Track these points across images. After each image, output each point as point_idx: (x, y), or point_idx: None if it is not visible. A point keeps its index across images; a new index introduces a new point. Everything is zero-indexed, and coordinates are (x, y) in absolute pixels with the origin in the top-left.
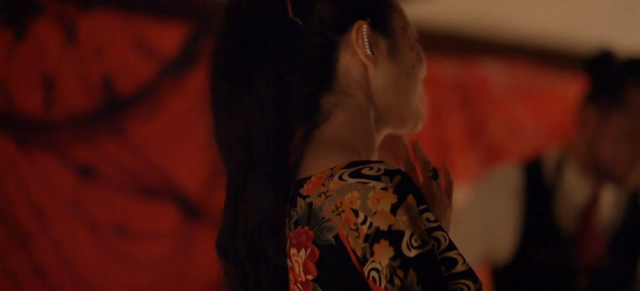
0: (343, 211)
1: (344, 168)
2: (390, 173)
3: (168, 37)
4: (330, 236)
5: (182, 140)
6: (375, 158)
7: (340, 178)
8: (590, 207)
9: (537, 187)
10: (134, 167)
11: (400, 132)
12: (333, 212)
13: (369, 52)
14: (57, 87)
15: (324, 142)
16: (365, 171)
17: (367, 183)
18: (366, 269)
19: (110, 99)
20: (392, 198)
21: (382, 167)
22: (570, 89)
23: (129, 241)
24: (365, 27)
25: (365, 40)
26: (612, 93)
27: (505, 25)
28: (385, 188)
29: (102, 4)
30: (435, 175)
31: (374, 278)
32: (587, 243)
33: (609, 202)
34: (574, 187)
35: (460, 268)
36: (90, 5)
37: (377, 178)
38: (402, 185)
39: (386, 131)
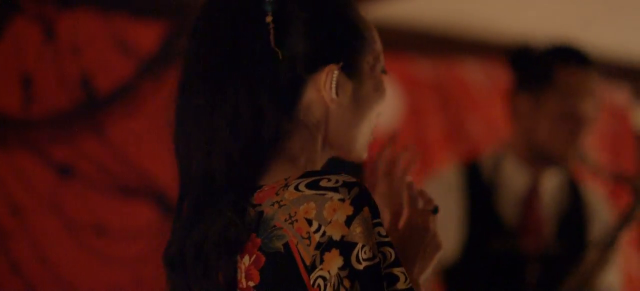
0: (296, 220)
1: (300, 178)
2: (348, 185)
3: (147, 36)
4: (279, 244)
5: (161, 139)
6: None
7: (296, 188)
8: (531, 194)
9: (478, 183)
10: (113, 166)
11: (345, 158)
12: (286, 220)
13: (334, 96)
14: (36, 86)
15: (274, 157)
16: (323, 183)
17: (324, 194)
18: (313, 276)
19: (89, 98)
20: (348, 210)
21: (341, 179)
22: None
23: (107, 239)
24: (335, 72)
25: (333, 84)
26: (542, 78)
27: (484, 26)
28: (342, 200)
29: (81, 3)
30: (435, 210)
31: (319, 285)
32: (533, 231)
33: (552, 188)
34: (514, 178)
35: (401, 285)
36: (69, 5)
37: (335, 189)
38: (359, 197)
39: (327, 157)
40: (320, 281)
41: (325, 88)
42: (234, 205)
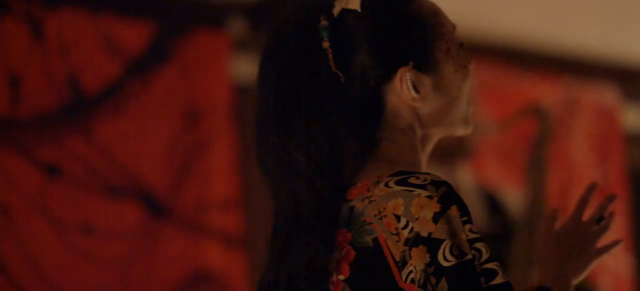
0: (385, 215)
1: (391, 176)
2: (436, 184)
3: (134, 36)
4: (368, 239)
5: (148, 139)
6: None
7: (386, 185)
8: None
9: None
10: (100, 166)
11: (451, 135)
12: (375, 216)
13: (414, 95)
14: (24, 85)
15: (370, 160)
16: (412, 180)
17: (412, 190)
18: (404, 272)
19: (77, 97)
20: (436, 207)
21: (429, 177)
22: (535, 89)
23: (94, 239)
24: (408, 74)
25: (409, 85)
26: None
27: (471, 26)
28: (430, 197)
29: (69, 2)
30: (600, 221)
31: (412, 280)
32: None
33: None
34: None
35: (499, 279)
36: (57, 4)
37: (423, 186)
38: (446, 196)
39: (436, 138)
40: (412, 276)
41: (403, 92)
42: (320, 235)
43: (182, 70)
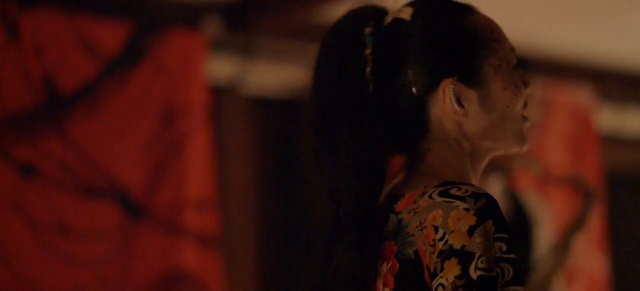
0: (425, 227)
1: (435, 187)
2: (476, 196)
3: (110, 36)
4: (410, 251)
5: (125, 139)
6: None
7: (430, 196)
8: None
9: None
10: (76, 166)
11: (506, 153)
12: (417, 227)
13: (457, 108)
14: None
15: (417, 173)
16: (453, 191)
17: (452, 202)
18: (434, 283)
19: (52, 97)
20: (472, 220)
21: (471, 189)
22: None
23: (70, 239)
24: (451, 87)
25: (452, 98)
26: None
27: None
28: (467, 209)
29: (45, 2)
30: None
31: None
32: None
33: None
34: None
35: None
36: (33, 4)
37: (462, 198)
38: (484, 209)
39: (489, 156)
40: (441, 288)
41: (445, 104)
42: (359, 243)
43: (157, 70)
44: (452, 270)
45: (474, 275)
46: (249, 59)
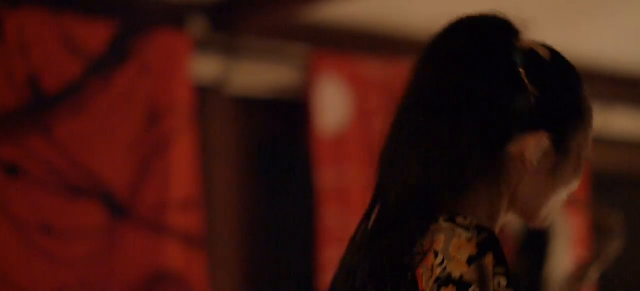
0: (428, 251)
1: (445, 212)
2: (479, 229)
3: (95, 36)
4: (411, 274)
5: (109, 139)
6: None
7: (436, 220)
8: None
9: None
10: (60, 165)
11: (525, 221)
12: (423, 248)
13: (535, 164)
14: None
15: (462, 198)
16: (459, 220)
17: (455, 229)
18: None
19: (37, 97)
20: (472, 250)
21: (476, 221)
22: None
23: (55, 239)
24: (545, 141)
25: (538, 152)
26: None
27: (432, 25)
28: (469, 239)
29: (29, 2)
30: None
31: None
32: None
33: None
34: None
35: None
36: (17, 3)
37: (466, 227)
38: (486, 242)
39: (510, 215)
40: None
41: (529, 151)
42: (411, 232)
43: (142, 69)
44: None
45: None
46: (234, 58)
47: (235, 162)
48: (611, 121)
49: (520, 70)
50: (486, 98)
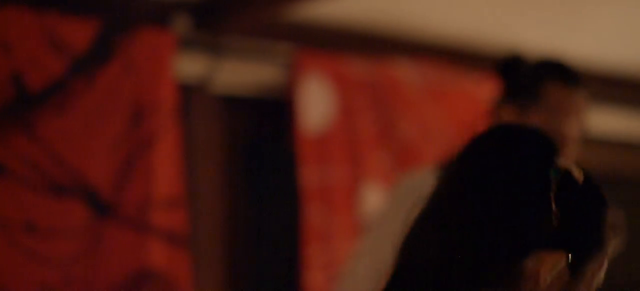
0: None
1: None
2: None
3: (78, 34)
4: None
5: (92, 137)
6: None
7: None
8: None
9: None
10: (44, 164)
11: None
12: None
13: (547, 282)
14: None
15: None
16: None
17: None
18: None
19: (20, 95)
20: None
21: None
22: (480, 89)
23: (37, 238)
24: (562, 262)
25: (554, 273)
26: (530, 91)
27: (417, 25)
28: None
29: (13, 0)
30: None
31: None
32: None
33: None
34: None
35: None
36: (1, 2)
37: None
38: None
39: None
40: None
41: (544, 268)
42: None
43: (126, 68)
44: None
45: None
46: (218, 57)
47: (219, 161)
48: (593, 120)
49: (552, 187)
50: (518, 207)
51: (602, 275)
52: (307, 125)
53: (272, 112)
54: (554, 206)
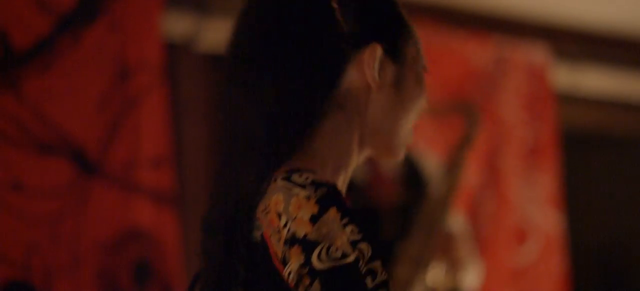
0: (269, 212)
1: (283, 171)
2: (316, 184)
3: None
4: (258, 234)
5: (79, 96)
6: (347, 175)
7: (275, 179)
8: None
9: None
10: (30, 123)
11: (381, 158)
12: (262, 211)
13: (376, 76)
14: None
15: (298, 160)
16: (295, 178)
17: (291, 188)
18: (286, 271)
19: (6, 54)
20: (313, 209)
21: (311, 177)
22: (466, 47)
23: (24, 197)
24: (379, 51)
25: (376, 64)
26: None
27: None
28: (308, 197)
29: None
30: None
31: (292, 279)
32: (381, 188)
33: None
34: None
35: (378, 278)
36: None
37: (302, 185)
38: (326, 197)
39: (367, 153)
40: (290, 277)
41: (368, 66)
42: (247, 184)
43: (112, 26)
44: (296, 258)
45: (317, 264)
46: (205, 15)
47: (205, 119)
48: (581, 79)
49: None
50: (310, 38)
51: (423, 58)
52: None
53: None
54: (340, 19)
